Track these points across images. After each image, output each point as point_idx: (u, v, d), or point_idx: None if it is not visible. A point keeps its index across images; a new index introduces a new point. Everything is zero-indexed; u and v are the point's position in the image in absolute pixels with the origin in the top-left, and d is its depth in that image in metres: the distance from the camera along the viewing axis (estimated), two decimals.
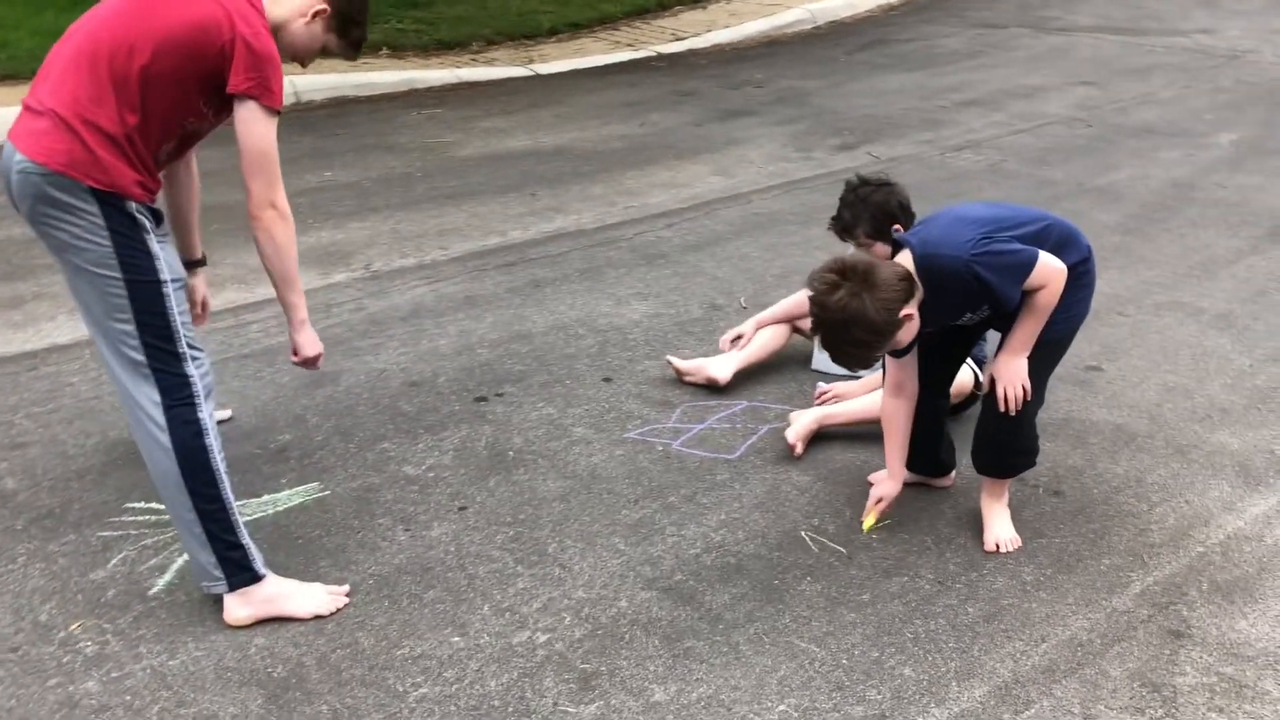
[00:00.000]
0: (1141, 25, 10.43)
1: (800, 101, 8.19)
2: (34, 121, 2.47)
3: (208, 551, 2.60)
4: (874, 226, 3.56)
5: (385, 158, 6.69)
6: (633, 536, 3.00)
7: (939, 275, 2.67)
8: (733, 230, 5.45)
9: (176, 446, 2.53)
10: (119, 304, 2.48)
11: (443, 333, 4.26)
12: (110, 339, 2.52)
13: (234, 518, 2.61)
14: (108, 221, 2.45)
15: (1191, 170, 6.32)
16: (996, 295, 2.66)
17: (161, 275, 2.51)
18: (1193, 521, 3.09)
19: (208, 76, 2.51)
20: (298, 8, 2.68)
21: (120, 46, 2.44)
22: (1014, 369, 2.81)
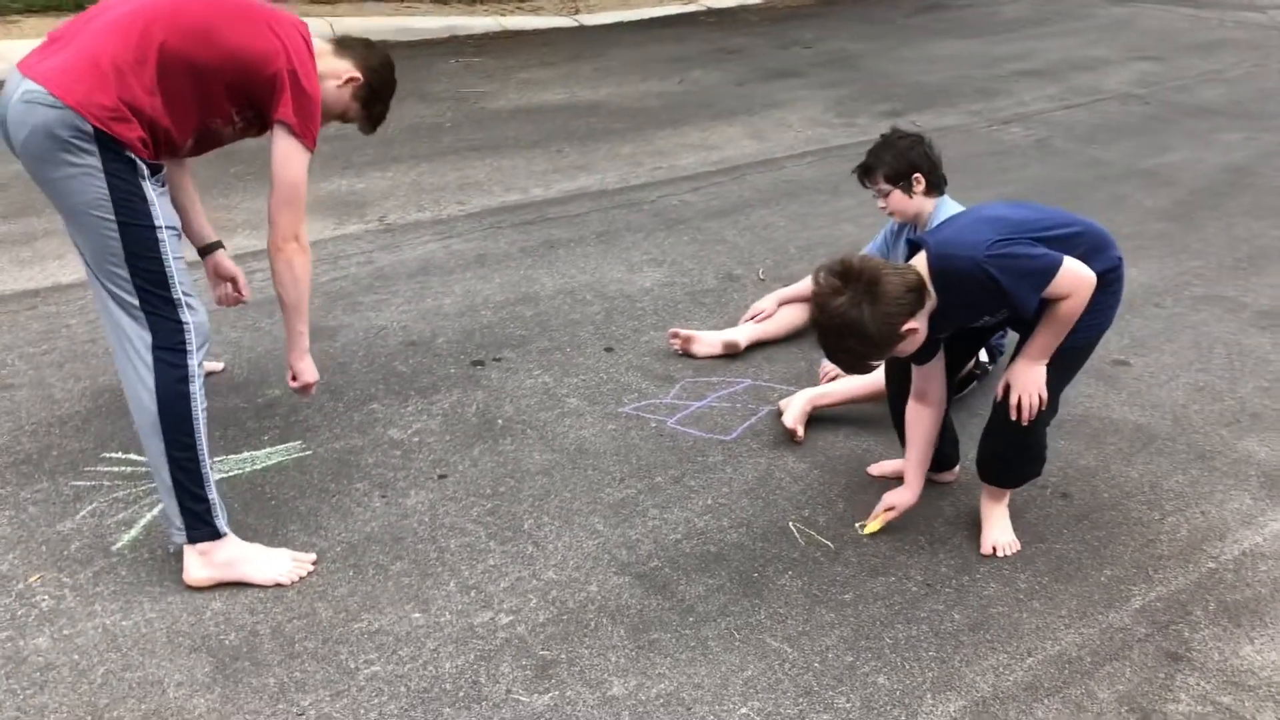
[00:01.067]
0: None
1: (849, 64, 7.95)
2: (58, 57, 2.43)
3: (172, 499, 2.55)
4: (894, 170, 3.44)
5: (416, 106, 6.58)
6: (613, 517, 2.90)
7: (954, 276, 2.50)
8: (760, 197, 5.28)
9: (160, 390, 2.50)
10: (113, 247, 2.45)
11: (448, 291, 4.16)
12: (104, 281, 2.49)
13: (205, 470, 2.56)
14: (104, 164, 2.41)
15: (1250, 155, 6.02)
16: (1012, 300, 2.49)
17: (156, 220, 2.49)
18: (1206, 534, 2.92)
19: (248, 93, 2.60)
20: (336, 69, 2.81)
21: (177, 34, 2.47)
22: (1031, 377, 2.65)
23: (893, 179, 3.46)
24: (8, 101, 2.44)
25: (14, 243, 4.38)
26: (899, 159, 3.46)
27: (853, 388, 3.35)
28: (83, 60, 2.41)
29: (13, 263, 4.25)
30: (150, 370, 2.49)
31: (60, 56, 2.44)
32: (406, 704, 2.28)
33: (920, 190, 3.46)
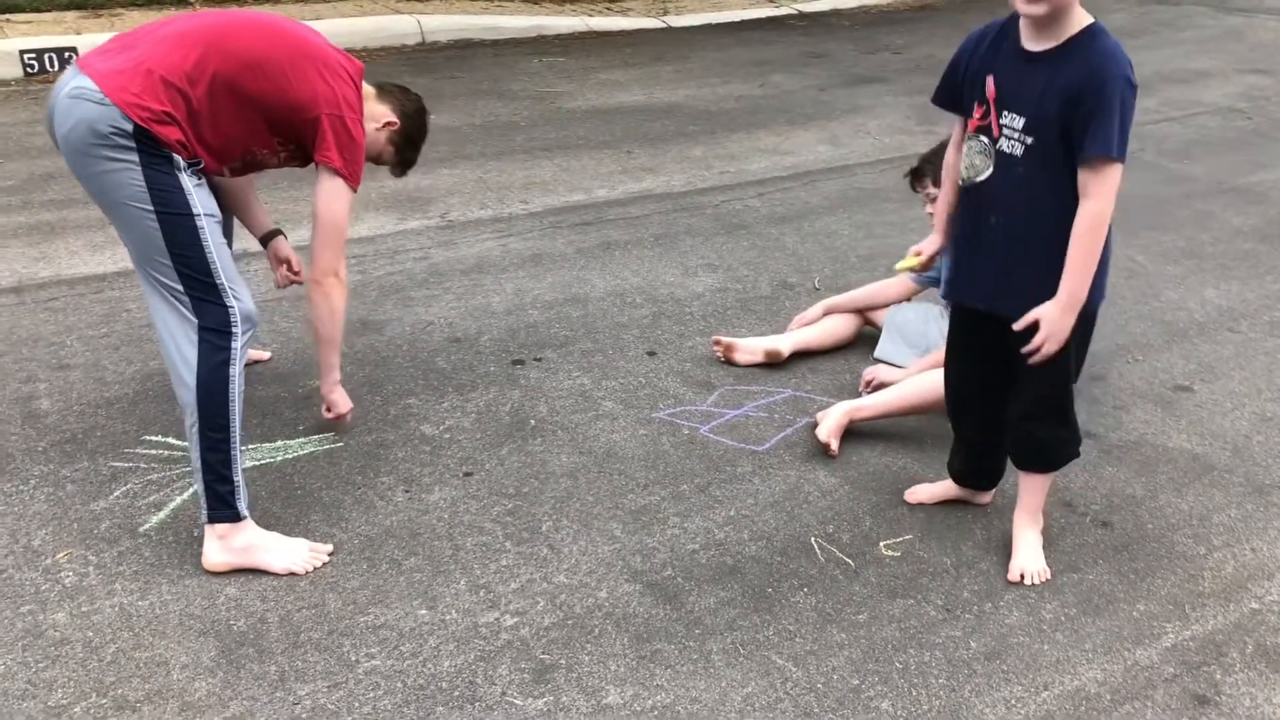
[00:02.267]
0: None
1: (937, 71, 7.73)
2: (116, 60, 2.55)
3: (200, 479, 2.61)
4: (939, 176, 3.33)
5: (494, 104, 6.64)
6: (632, 523, 2.87)
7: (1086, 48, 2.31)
8: (827, 204, 5.20)
9: (201, 368, 2.57)
10: (154, 238, 2.54)
11: (499, 289, 4.18)
12: (150, 271, 2.58)
13: (234, 453, 2.62)
14: (141, 159, 2.50)
15: None
16: (1095, 118, 2.27)
17: (194, 209, 2.57)
18: (1254, 573, 2.77)
19: (292, 130, 2.76)
20: (375, 113, 3.00)
21: (231, 62, 2.61)
22: (1063, 324, 2.42)
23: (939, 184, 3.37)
24: (58, 94, 2.54)
25: (90, 227, 4.53)
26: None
27: (891, 400, 3.26)
28: (138, 67, 2.53)
29: (86, 247, 4.40)
30: (194, 349, 2.56)
31: (118, 60, 2.56)
32: (401, 700, 2.29)
33: None
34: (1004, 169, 2.45)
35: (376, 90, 3.08)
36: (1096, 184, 2.34)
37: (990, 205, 2.50)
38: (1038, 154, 2.39)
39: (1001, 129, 2.44)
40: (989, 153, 2.47)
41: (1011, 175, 2.43)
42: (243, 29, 2.72)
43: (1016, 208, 2.44)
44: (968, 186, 2.54)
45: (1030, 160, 2.40)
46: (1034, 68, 2.38)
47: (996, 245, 2.51)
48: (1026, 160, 2.40)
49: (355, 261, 4.36)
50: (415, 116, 3.17)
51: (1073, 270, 2.40)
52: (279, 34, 2.77)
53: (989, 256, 2.53)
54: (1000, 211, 2.48)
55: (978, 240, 2.55)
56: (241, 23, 2.76)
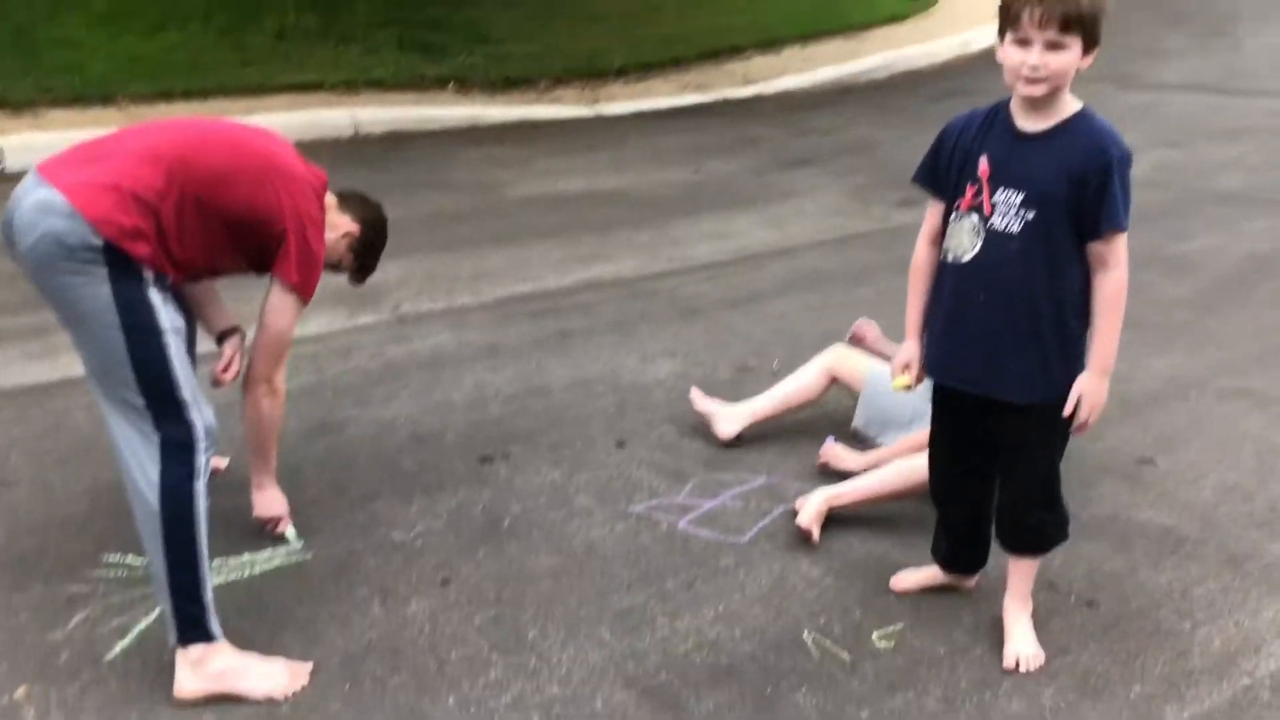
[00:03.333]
0: (1235, 85, 9.99)
1: (867, 152, 7.97)
2: (83, 172, 2.48)
3: (168, 601, 2.50)
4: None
5: (435, 195, 6.61)
6: (621, 626, 2.80)
7: (1083, 128, 2.42)
8: (776, 287, 5.24)
9: (164, 485, 2.47)
10: (117, 353, 2.46)
11: (458, 384, 4.12)
12: (110, 386, 2.49)
13: (203, 572, 2.51)
14: (110, 273, 2.44)
15: (1275, 244, 5.94)
16: (1105, 195, 2.37)
17: (160, 325, 2.50)
18: (1241, 647, 2.79)
19: (255, 244, 2.74)
20: (335, 222, 3.00)
21: (198, 179, 2.58)
22: (1103, 392, 2.50)
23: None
24: (19, 203, 2.46)
25: (25, 336, 4.37)
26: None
27: (871, 487, 3.25)
28: (108, 181, 2.46)
29: (23, 356, 4.24)
30: (156, 466, 2.47)
31: (85, 172, 2.49)
32: None
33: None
34: (995, 245, 2.48)
35: (338, 199, 3.08)
36: (1113, 255, 2.43)
37: (977, 283, 2.52)
38: (1038, 228, 2.43)
39: (994, 206, 2.48)
40: (979, 230, 2.50)
41: (1004, 251, 2.47)
42: (211, 143, 2.69)
43: (1008, 283, 2.47)
44: (953, 265, 2.57)
45: (1028, 235, 2.44)
46: (1032, 147, 2.44)
47: (983, 322, 2.53)
48: (1024, 235, 2.44)
49: (308, 361, 4.26)
50: (375, 224, 3.17)
51: (1105, 338, 2.47)
52: (246, 148, 2.75)
53: (975, 335, 2.55)
54: (989, 288, 2.51)
55: (963, 319, 2.57)
56: (208, 136, 2.73)
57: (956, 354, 2.60)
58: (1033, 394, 2.52)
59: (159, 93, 8.10)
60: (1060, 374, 2.51)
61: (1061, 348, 2.50)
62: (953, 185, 2.56)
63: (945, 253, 2.59)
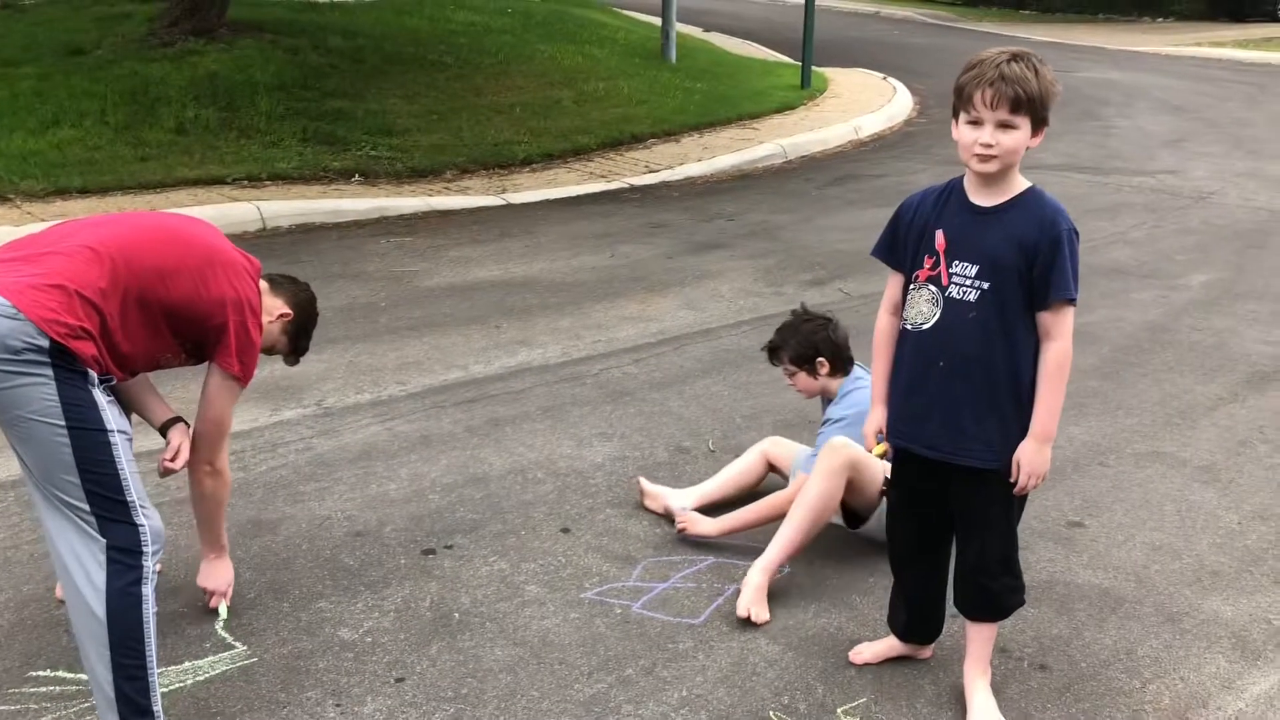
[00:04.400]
0: (1108, 164, 10.57)
1: (771, 235, 8.16)
2: (20, 272, 2.43)
3: (113, 714, 2.38)
4: (797, 354, 3.66)
5: (349, 287, 6.55)
6: (585, 717, 2.75)
7: (1033, 203, 2.54)
8: (701, 367, 5.30)
9: (110, 592, 2.39)
10: (63, 454, 2.39)
11: (393, 476, 4.04)
12: (53, 489, 2.41)
13: (151, 680, 2.43)
14: (55, 374, 2.38)
15: (1165, 312, 6.25)
16: (1055, 265, 2.48)
17: (107, 425, 2.45)
18: (1189, 702, 2.87)
19: (195, 335, 2.76)
20: (270, 306, 3.03)
21: (139, 276, 2.57)
22: (1043, 458, 2.58)
23: (797, 361, 3.64)
24: None
25: None
26: (803, 343, 3.66)
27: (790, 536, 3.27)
28: (50, 280, 2.42)
29: None
30: (102, 570, 2.39)
31: (25, 272, 2.44)
32: None
33: (825, 372, 3.60)
34: (953, 314, 2.57)
35: (269, 284, 3.08)
36: (1058, 325, 2.52)
37: (938, 350, 2.60)
38: (993, 297, 2.53)
39: (951, 277, 2.57)
40: (937, 300, 2.59)
41: (962, 320, 2.56)
42: (150, 239, 2.67)
43: (966, 350, 2.56)
44: (913, 333, 2.65)
45: (984, 304, 2.54)
46: (985, 220, 2.55)
47: (943, 389, 2.60)
48: (980, 305, 2.54)
49: (234, 458, 4.13)
50: (307, 306, 3.20)
51: (1045, 405, 2.55)
52: (186, 241, 2.74)
53: (935, 401, 2.61)
54: (948, 355, 2.58)
55: (924, 386, 2.64)
56: (147, 232, 2.71)
57: (918, 420, 2.66)
58: (992, 459, 2.59)
59: (55, 190, 7.92)
60: (1019, 439, 2.58)
61: (1019, 413, 2.58)
62: (910, 258, 2.66)
63: (905, 321, 2.67)
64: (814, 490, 3.26)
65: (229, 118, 9.68)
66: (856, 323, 6.06)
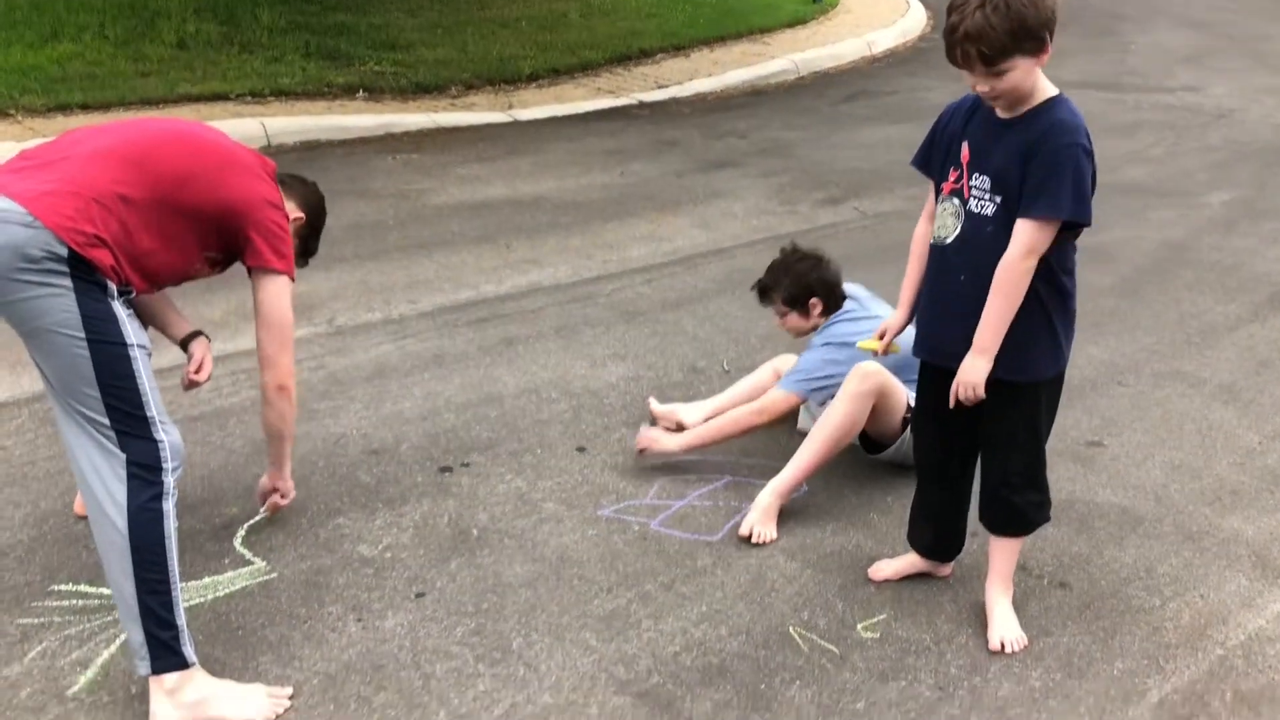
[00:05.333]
0: (1126, 81, 10.36)
1: (784, 153, 8.04)
2: (37, 179, 2.38)
3: (138, 627, 2.37)
4: (790, 294, 3.60)
5: (356, 204, 6.46)
6: (605, 631, 2.75)
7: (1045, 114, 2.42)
8: (715, 287, 5.24)
9: (131, 507, 2.36)
10: (82, 367, 2.35)
11: (407, 395, 4.02)
12: (73, 402, 2.37)
13: (175, 594, 2.40)
14: (75, 285, 2.33)
15: (1185, 231, 6.17)
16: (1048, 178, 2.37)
17: (127, 339, 2.40)
18: (1209, 619, 2.87)
19: (223, 239, 2.68)
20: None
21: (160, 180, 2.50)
22: (977, 371, 2.52)
23: (790, 302, 3.58)
24: None
25: None
26: (796, 283, 3.59)
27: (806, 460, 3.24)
28: (65, 187, 2.36)
29: None
30: (123, 485, 2.35)
31: (39, 179, 2.38)
32: None
33: (818, 313, 3.56)
34: (973, 228, 2.52)
35: (281, 186, 2.96)
36: (1024, 234, 2.42)
37: (959, 264, 2.55)
38: (1005, 213, 2.47)
39: (971, 190, 2.51)
40: (960, 214, 2.54)
41: (981, 234, 2.50)
42: (166, 144, 2.59)
43: (984, 265, 2.50)
44: (938, 247, 2.60)
45: (999, 218, 2.48)
46: (1002, 132, 2.48)
47: (965, 302, 2.55)
48: (996, 219, 2.48)
49: (245, 376, 4.12)
50: (318, 206, 3.14)
51: (986, 318, 2.49)
52: (201, 145, 2.67)
53: (957, 315, 2.57)
54: (969, 270, 2.53)
55: (946, 299, 2.60)
56: (163, 136, 2.63)
57: (941, 333, 2.63)
58: (1020, 373, 2.55)
59: (55, 105, 7.77)
60: (1041, 354, 2.55)
61: (1040, 328, 2.54)
62: (939, 169, 2.60)
63: (934, 234, 2.62)
64: (837, 413, 3.22)
65: (230, 32, 9.48)
66: (871, 242, 6.01)
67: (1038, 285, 2.52)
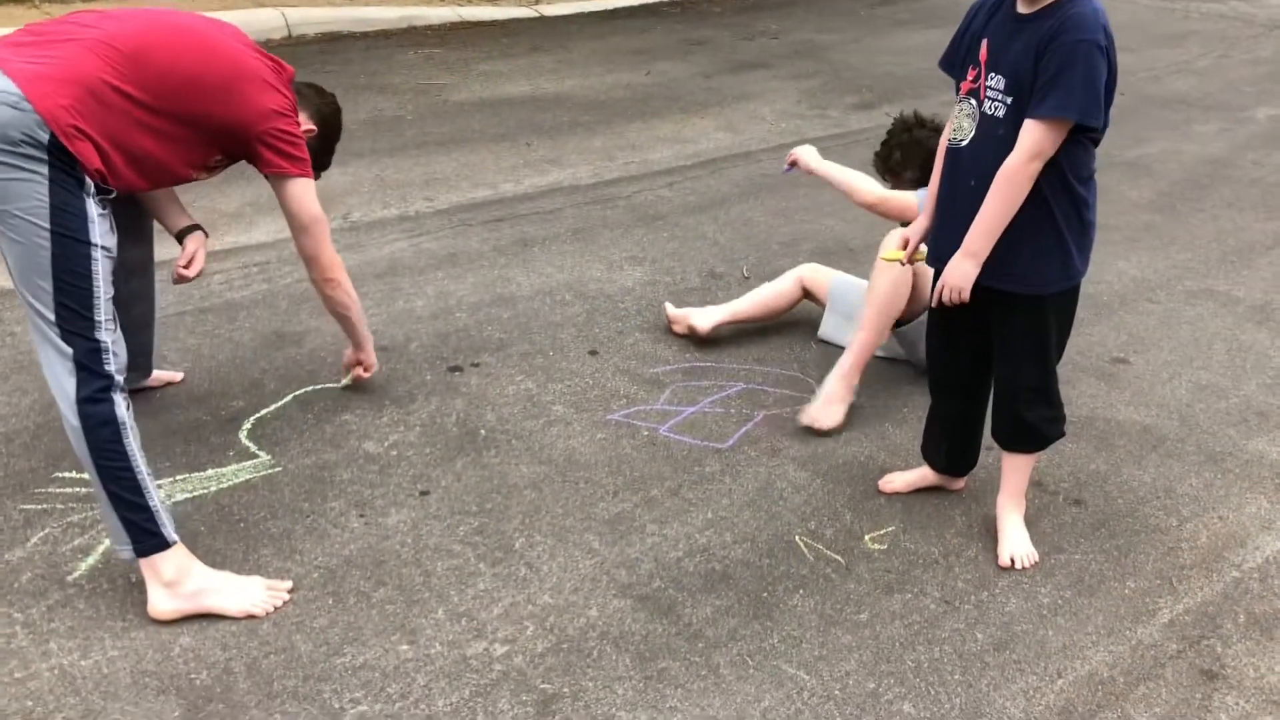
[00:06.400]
0: None
1: (817, 56, 7.82)
2: (39, 60, 2.28)
3: (111, 512, 2.35)
4: (923, 173, 3.24)
5: (376, 99, 6.34)
6: (609, 534, 2.72)
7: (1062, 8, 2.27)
8: (738, 191, 5.12)
9: (80, 400, 2.30)
10: (41, 257, 2.27)
11: (419, 293, 3.96)
12: (26, 295, 2.31)
13: (140, 477, 2.34)
14: (50, 173, 2.25)
15: (1227, 146, 5.96)
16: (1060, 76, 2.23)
17: (91, 238, 2.32)
18: (1227, 541, 2.81)
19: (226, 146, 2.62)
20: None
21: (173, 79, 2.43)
22: (960, 272, 2.42)
23: (918, 183, 3.27)
24: None
25: None
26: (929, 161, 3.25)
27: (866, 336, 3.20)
28: (63, 73, 2.27)
29: None
30: (72, 379, 2.30)
31: (36, 60, 2.28)
32: None
33: None
34: (986, 130, 2.40)
35: (295, 94, 2.86)
36: (1029, 136, 2.29)
37: (971, 168, 2.44)
38: (1016, 114, 2.34)
39: (987, 90, 2.39)
40: (975, 115, 2.42)
41: (993, 137, 2.38)
42: (175, 43, 2.47)
43: (993, 170, 2.38)
44: (953, 149, 2.48)
45: (1010, 121, 2.35)
46: (1018, 28, 2.35)
47: (972, 207, 2.43)
48: (1008, 121, 2.36)
49: (258, 270, 4.08)
50: (332, 119, 3.05)
51: (979, 219, 2.37)
52: (211, 50, 2.54)
53: (964, 219, 2.46)
54: (979, 174, 2.41)
55: (958, 204, 2.49)
56: (173, 34, 2.50)
57: (951, 238, 2.51)
58: (1026, 284, 2.45)
59: None
60: (1048, 265, 2.44)
61: (1047, 238, 2.42)
62: (960, 69, 2.47)
63: (949, 136, 2.50)
64: (882, 280, 3.18)
65: None
66: None
67: (1046, 192, 2.38)
